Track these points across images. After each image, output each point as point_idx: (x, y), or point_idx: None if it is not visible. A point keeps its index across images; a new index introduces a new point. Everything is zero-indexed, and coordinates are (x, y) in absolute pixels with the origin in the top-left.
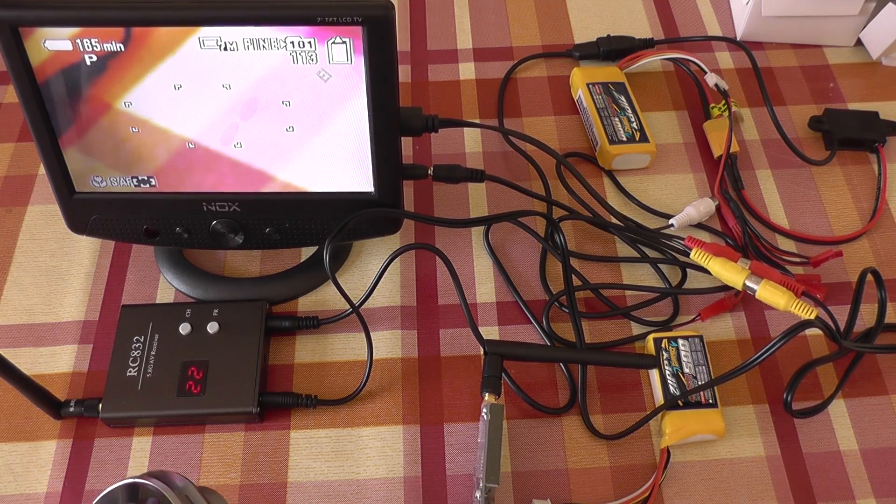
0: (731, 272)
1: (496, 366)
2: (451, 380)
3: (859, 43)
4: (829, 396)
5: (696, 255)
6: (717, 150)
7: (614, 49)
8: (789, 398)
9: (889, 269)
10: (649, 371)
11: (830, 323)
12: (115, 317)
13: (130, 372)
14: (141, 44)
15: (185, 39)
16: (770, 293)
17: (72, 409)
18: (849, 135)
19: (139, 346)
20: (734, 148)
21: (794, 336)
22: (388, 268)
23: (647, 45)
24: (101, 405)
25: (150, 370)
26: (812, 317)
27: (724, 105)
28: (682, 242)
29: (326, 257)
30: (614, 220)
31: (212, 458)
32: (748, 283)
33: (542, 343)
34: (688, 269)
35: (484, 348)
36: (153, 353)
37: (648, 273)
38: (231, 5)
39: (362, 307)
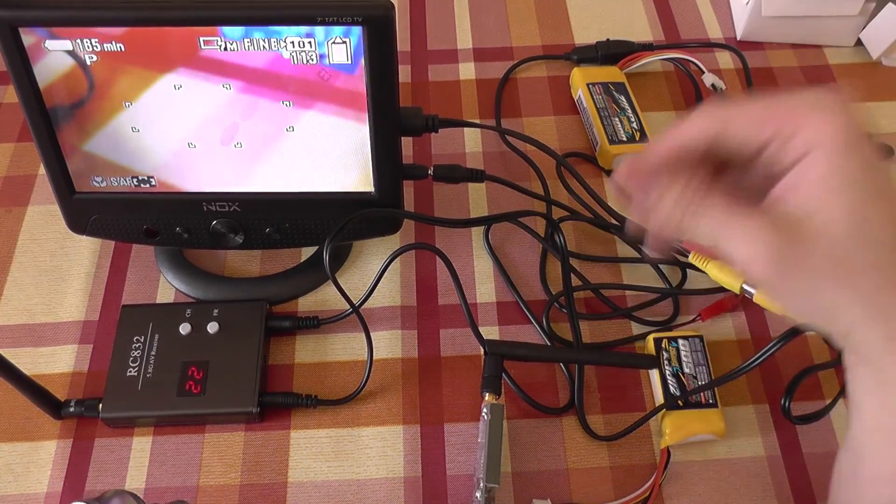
0: (728, 276)
1: (496, 366)
2: (451, 380)
3: (859, 43)
4: (830, 404)
5: (695, 259)
6: None
7: (613, 53)
8: (787, 404)
9: None
10: (649, 371)
11: None
12: (115, 317)
13: (130, 372)
14: (141, 44)
15: (186, 39)
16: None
17: (72, 409)
18: None
19: (139, 346)
20: None
21: (793, 339)
22: (388, 268)
23: (647, 49)
24: (101, 405)
25: (150, 370)
26: None
27: None
28: (680, 244)
29: (326, 257)
30: (614, 222)
31: (212, 458)
32: (745, 287)
33: (542, 343)
34: (688, 270)
35: (484, 348)
36: (153, 353)
37: (648, 273)
38: (231, 5)
39: (362, 307)
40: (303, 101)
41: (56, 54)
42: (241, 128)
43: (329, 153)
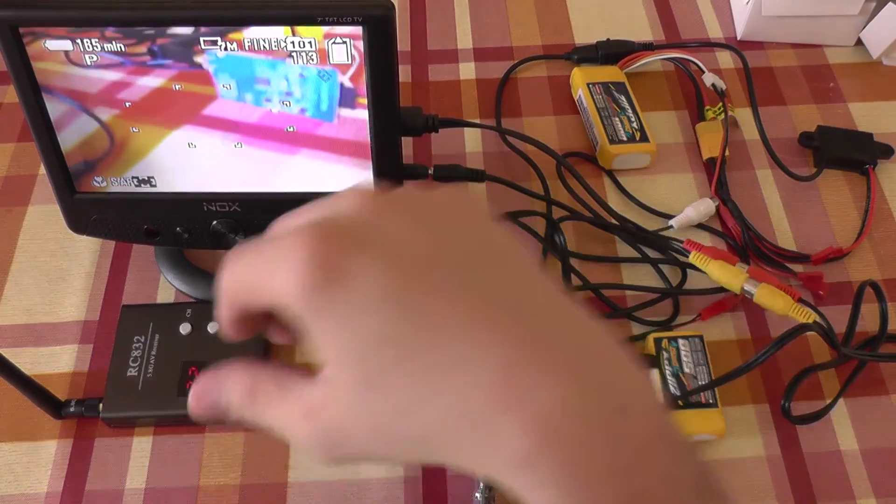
0: (729, 276)
1: None
2: None
3: (859, 43)
4: (830, 403)
5: (695, 259)
6: (707, 152)
7: (613, 53)
8: (787, 404)
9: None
10: (649, 371)
11: (827, 327)
12: (116, 317)
13: (131, 372)
14: (141, 44)
15: (186, 39)
16: (768, 297)
17: (72, 409)
18: (839, 154)
19: (139, 346)
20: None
21: (793, 339)
22: None
23: (647, 49)
24: (101, 405)
25: (150, 370)
26: (809, 321)
27: (719, 108)
28: (680, 244)
29: None
30: (614, 222)
31: (212, 458)
32: (746, 287)
33: None
34: (688, 270)
35: None
36: (153, 352)
37: (648, 273)
38: (231, 5)
39: None
40: (302, 101)
41: (56, 54)
42: (241, 128)
43: (329, 153)
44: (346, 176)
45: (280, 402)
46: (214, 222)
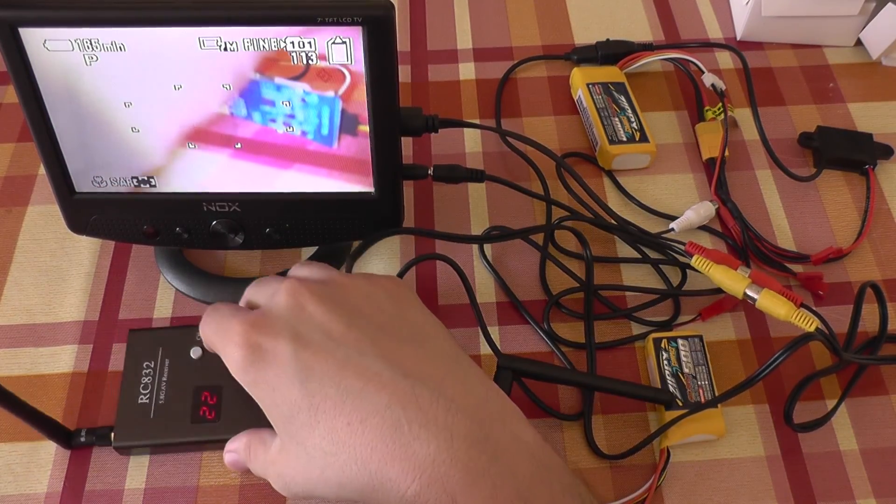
0: (732, 280)
1: (507, 381)
2: None
3: (859, 43)
4: (831, 410)
5: (697, 263)
6: (707, 152)
7: (613, 53)
8: (790, 412)
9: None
10: (649, 372)
11: (829, 333)
12: (116, 316)
13: (142, 399)
14: (142, 44)
15: (186, 39)
16: (770, 303)
17: (83, 440)
18: (838, 155)
19: (149, 371)
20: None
21: (796, 350)
22: (388, 268)
23: (646, 49)
24: (113, 434)
25: (161, 397)
26: (811, 328)
27: (719, 108)
28: (682, 247)
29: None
30: (613, 222)
31: (212, 457)
32: (748, 293)
33: (552, 361)
34: (687, 270)
35: (500, 362)
36: (164, 378)
37: (649, 273)
38: (231, 5)
39: None
40: (302, 102)
41: (56, 54)
42: (241, 128)
43: (329, 153)
44: (346, 181)
45: (263, 454)
46: (214, 222)
